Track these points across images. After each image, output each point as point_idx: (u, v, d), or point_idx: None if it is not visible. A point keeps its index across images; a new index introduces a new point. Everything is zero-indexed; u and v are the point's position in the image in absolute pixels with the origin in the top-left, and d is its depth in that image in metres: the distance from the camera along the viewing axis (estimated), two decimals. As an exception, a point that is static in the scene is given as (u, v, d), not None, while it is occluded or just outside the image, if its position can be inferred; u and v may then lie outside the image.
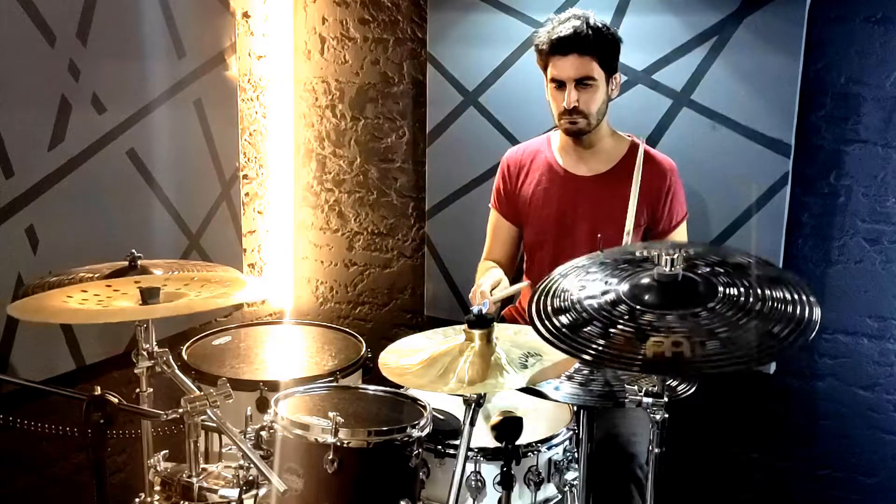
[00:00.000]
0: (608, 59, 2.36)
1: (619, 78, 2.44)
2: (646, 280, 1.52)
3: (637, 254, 1.62)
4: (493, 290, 2.29)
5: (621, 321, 1.45)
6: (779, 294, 1.46)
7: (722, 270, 1.55)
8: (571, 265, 1.65)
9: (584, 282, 1.58)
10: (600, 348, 1.41)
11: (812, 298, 1.44)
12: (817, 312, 1.41)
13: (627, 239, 2.16)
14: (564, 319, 1.49)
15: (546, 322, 1.50)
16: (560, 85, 2.36)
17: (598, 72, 2.34)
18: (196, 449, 1.81)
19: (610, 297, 1.52)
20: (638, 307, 1.48)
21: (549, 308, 1.54)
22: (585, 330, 1.46)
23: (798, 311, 1.42)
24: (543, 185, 2.51)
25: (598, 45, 2.32)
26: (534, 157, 2.56)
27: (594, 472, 1.92)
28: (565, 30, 2.32)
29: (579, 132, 2.41)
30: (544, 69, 2.41)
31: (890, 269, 2.63)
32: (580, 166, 2.48)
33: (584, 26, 2.31)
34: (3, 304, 1.95)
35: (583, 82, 2.33)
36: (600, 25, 2.34)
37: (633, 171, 2.43)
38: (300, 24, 3.36)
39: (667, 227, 2.46)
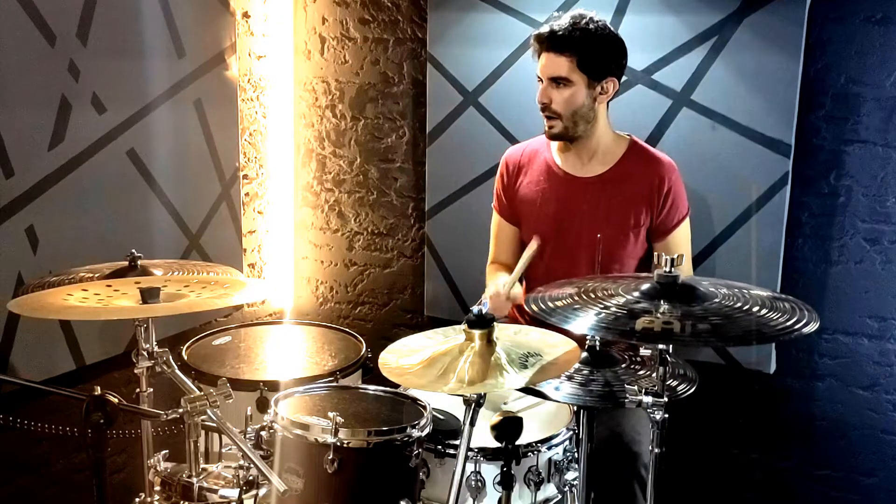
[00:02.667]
0: (590, 61, 2.30)
1: (613, 85, 2.36)
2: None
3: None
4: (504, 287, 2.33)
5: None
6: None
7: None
8: None
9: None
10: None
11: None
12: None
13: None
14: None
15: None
16: (541, 82, 2.36)
17: (575, 73, 2.29)
18: (196, 449, 1.81)
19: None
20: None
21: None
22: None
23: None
24: (542, 185, 2.50)
25: (577, 45, 2.27)
26: (533, 157, 2.55)
27: (595, 471, 1.92)
28: (546, 27, 2.31)
29: (557, 136, 2.39)
30: None
31: (890, 269, 2.63)
32: (578, 167, 2.47)
33: (569, 25, 2.28)
34: (3, 303, 1.95)
35: (556, 81, 2.32)
36: (591, 27, 2.28)
37: (631, 171, 2.43)
38: (300, 24, 3.36)
39: (668, 227, 2.44)
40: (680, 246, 2.46)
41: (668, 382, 1.68)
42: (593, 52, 2.30)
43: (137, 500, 1.91)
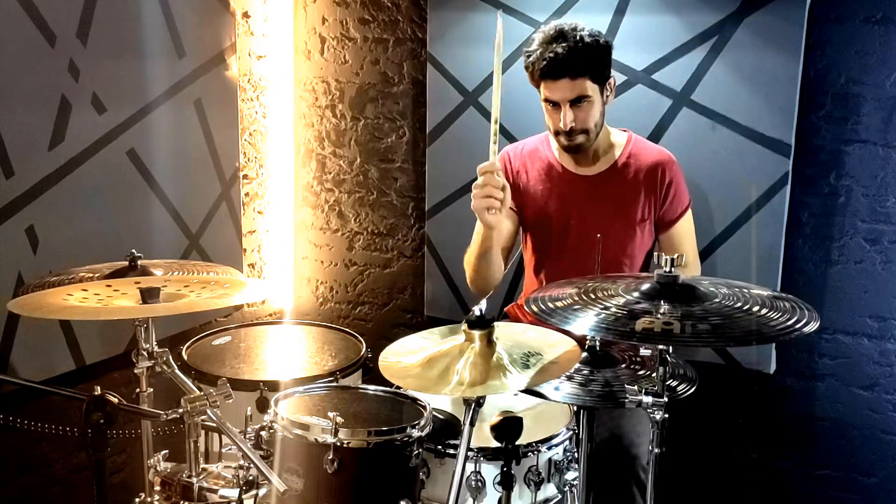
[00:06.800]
0: (600, 71, 2.30)
1: (614, 82, 2.39)
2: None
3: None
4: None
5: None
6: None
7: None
8: None
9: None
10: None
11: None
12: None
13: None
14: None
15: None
16: (555, 105, 2.31)
17: (591, 88, 2.28)
18: (196, 449, 1.81)
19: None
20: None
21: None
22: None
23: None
24: (543, 183, 2.50)
25: (590, 62, 2.26)
26: (533, 155, 2.54)
27: (595, 472, 1.92)
28: (554, 53, 2.24)
29: (578, 148, 2.38)
30: (536, 87, 2.35)
31: (890, 269, 2.63)
32: (579, 165, 2.47)
33: (574, 45, 2.23)
34: (3, 303, 1.95)
35: (577, 102, 2.29)
36: (588, 40, 2.25)
37: (632, 166, 2.43)
38: (300, 24, 3.36)
39: (671, 219, 2.45)
40: (684, 237, 2.47)
41: (668, 382, 1.68)
42: (600, 62, 2.30)
43: (137, 500, 1.91)
